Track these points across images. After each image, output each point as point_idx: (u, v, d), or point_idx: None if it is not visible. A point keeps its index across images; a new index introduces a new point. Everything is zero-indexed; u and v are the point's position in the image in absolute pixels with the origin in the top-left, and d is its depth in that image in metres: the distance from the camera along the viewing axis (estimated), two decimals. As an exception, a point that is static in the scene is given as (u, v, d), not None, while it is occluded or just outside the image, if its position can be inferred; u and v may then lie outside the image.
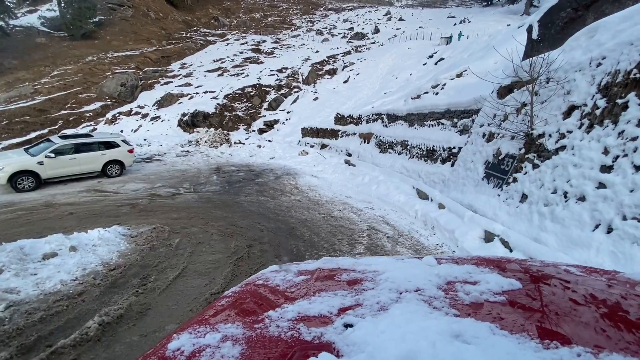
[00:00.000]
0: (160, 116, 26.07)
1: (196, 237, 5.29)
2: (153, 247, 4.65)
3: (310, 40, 45.26)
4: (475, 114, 7.08)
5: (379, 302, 0.95)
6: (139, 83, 31.57)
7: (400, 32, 46.36)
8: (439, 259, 1.36)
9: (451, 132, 7.79)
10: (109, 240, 4.64)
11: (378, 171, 9.33)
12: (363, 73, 31.91)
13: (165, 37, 45.82)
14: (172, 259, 4.26)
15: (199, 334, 0.85)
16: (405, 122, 10.46)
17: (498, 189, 5.06)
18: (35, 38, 37.21)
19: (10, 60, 33.29)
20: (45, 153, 9.30)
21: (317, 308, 0.95)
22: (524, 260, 1.41)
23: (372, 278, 1.16)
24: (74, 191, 9.26)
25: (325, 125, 16.99)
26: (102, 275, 3.60)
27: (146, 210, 7.57)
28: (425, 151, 8.46)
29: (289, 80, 32.61)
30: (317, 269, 1.34)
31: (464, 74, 14.55)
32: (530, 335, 0.74)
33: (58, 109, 27.80)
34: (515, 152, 4.96)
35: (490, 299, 0.95)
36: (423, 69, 29.01)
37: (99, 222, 6.55)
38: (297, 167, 12.61)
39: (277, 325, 0.86)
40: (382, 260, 1.39)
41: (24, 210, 7.65)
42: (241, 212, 7.22)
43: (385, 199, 7.40)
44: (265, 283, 1.24)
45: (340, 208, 7.27)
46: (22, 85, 29.30)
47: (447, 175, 6.89)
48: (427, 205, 6.24)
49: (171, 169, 12.13)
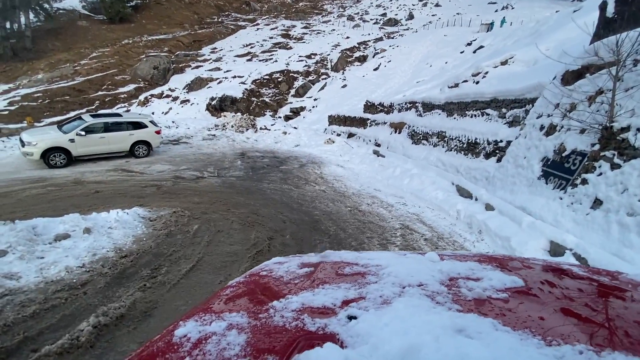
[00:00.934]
0: (190, 100, 26.40)
1: (216, 224, 4.99)
2: (170, 233, 4.39)
3: (340, 26, 43.88)
4: (529, 104, 6.20)
5: (382, 296, 0.95)
6: (170, 66, 32.12)
7: (436, 18, 43.77)
8: (441, 255, 1.35)
9: (498, 123, 6.94)
10: (127, 222, 4.43)
11: (410, 163, 8.63)
12: (395, 60, 30.42)
13: (197, 21, 46.28)
14: (188, 248, 3.96)
15: (205, 321, 0.85)
16: (442, 111, 9.61)
17: (560, 190, 4.31)
18: (76, 21, 38.79)
19: (54, 42, 34.96)
20: (76, 131, 9.43)
21: (320, 300, 0.94)
22: (527, 258, 1.40)
23: (375, 272, 1.16)
24: (102, 170, 9.37)
25: (353, 114, 16.28)
26: (111, 262, 3.34)
27: (169, 192, 7.46)
28: (465, 144, 7.66)
29: (317, 66, 31.84)
30: (320, 261, 1.33)
31: (510, 61, 13.29)
32: (532, 332, 0.73)
33: (95, 89, 28.95)
34: (586, 149, 4.16)
35: (493, 295, 0.95)
36: (460, 57, 27.15)
37: (122, 202, 6.50)
38: (322, 155, 12.14)
39: (281, 315, 0.86)
40: (385, 255, 1.39)
41: (54, 186, 7.78)
42: (263, 199, 6.90)
43: (420, 194, 6.74)
44: (269, 274, 1.23)
45: (368, 202, 6.72)
46: (63, 66, 30.72)
47: (492, 171, 6.12)
48: (471, 205, 5.53)
49: (197, 152, 12.08)
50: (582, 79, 4.69)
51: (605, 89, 4.04)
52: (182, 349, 0.74)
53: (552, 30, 14.75)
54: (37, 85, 28.28)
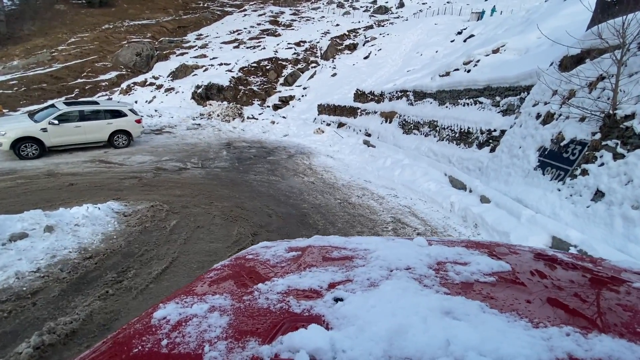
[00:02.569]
0: (175, 88, 25.47)
1: (196, 219, 4.66)
2: (145, 229, 4.04)
3: (330, 13, 42.88)
4: (525, 91, 5.99)
5: (370, 279, 0.94)
6: (154, 53, 30.88)
7: (427, 7, 43.22)
8: (429, 240, 1.35)
9: (492, 112, 6.73)
10: (97, 219, 4.06)
11: (402, 154, 8.39)
12: (385, 49, 29.94)
13: (182, 6, 44.48)
14: (163, 247, 3.62)
15: (185, 304, 0.83)
16: (434, 100, 9.36)
17: (559, 182, 4.12)
18: (53, 4, 36.71)
19: (29, 26, 33.08)
20: (49, 119, 8.82)
21: (307, 282, 0.93)
22: (513, 245, 1.41)
23: (363, 256, 1.16)
24: (78, 161, 8.85)
25: (343, 103, 15.90)
26: (72, 265, 2.98)
27: (149, 185, 7.08)
28: (458, 133, 7.44)
29: (306, 54, 31.10)
30: (308, 246, 1.32)
31: (501, 49, 13.08)
32: (519, 315, 0.74)
33: (74, 77, 27.64)
34: (586, 138, 3.97)
35: (480, 279, 0.95)
36: (451, 45, 26.90)
37: (98, 196, 6.17)
38: (311, 145, 11.81)
39: (266, 297, 0.85)
40: (374, 240, 1.38)
41: (24, 179, 7.29)
42: (249, 192, 6.58)
43: (412, 186, 6.51)
44: (256, 258, 1.21)
45: (358, 194, 6.47)
46: (40, 52, 29.16)
47: (486, 162, 5.93)
48: (465, 197, 5.31)
49: (180, 142, 11.59)
50: (582, 64, 4.48)
51: (608, 74, 3.82)
52: (160, 331, 0.72)
53: (543, 18, 14.59)
54: (12, 73, 26.78)
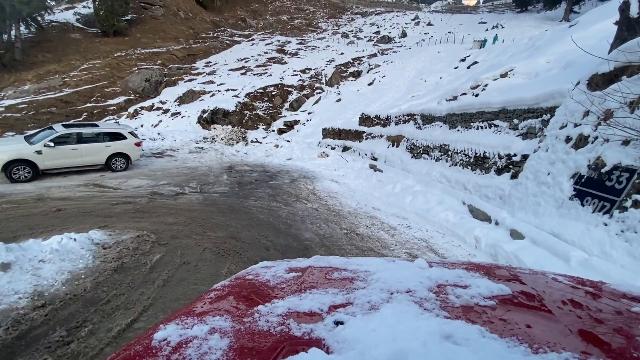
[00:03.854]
0: (181, 112, 25.72)
1: (183, 253, 4.10)
2: (122, 266, 3.48)
3: (335, 43, 44.24)
4: (546, 113, 5.54)
5: (370, 302, 0.94)
6: (163, 79, 31.61)
7: (429, 36, 44.53)
8: (430, 262, 1.34)
9: (509, 135, 6.26)
10: (70, 252, 3.53)
11: (412, 179, 7.87)
12: (389, 76, 30.38)
13: (192, 36, 46.29)
14: (136, 291, 3.02)
15: (186, 325, 0.82)
16: (444, 123, 8.97)
17: (604, 215, 3.54)
18: (69, 33, 38.39)
19: (44, 53, 34.34)
20: (44, 141, 8.54)
21: (307, 304, 0.92)
22: (514, 267, 1.39)
23: (363, 278, 1.14)
24: (71, 185, 8.46)
25: (348, 127, 15.67)
26: (14, 318, 2.35)
27: (142, 211, 6.62)
28: (472, 158, 6.95)
29: (311, 81, 31.61)
30: (308, 266, 1.31)
31: (510, 74, 12.93)
32: (519, 340, 0.73)
33: (84, 101, 28.15)
34: (634, 163, 3.43)
35: (480, 302, 0.94)
36: (454, 72, 27.20)
37: (84, 223, 5.74)
38: (315, 170, 11.37)
39: (266, 319, 0.84)
40: (374, 261, 1.36)
41: (10, 204, 6.88)
42: (247, 219, 6.04)
43: (426, 215, 5.91)
44: (256, 278, 1.20)
45: (366, 223, 5.88)
46: (51, 78, 29.96)
47: (508, 189, 5.37)
48: (492, 231, 4.67)
49: (180, 166, 11.25)
50: (616, 82, 4.04)
51: (652, 92, 3.37)
52: (161, 352, 0.71)
53: (549, 44, 14.59)
54: (23, 97, 27.38)
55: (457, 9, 65.59)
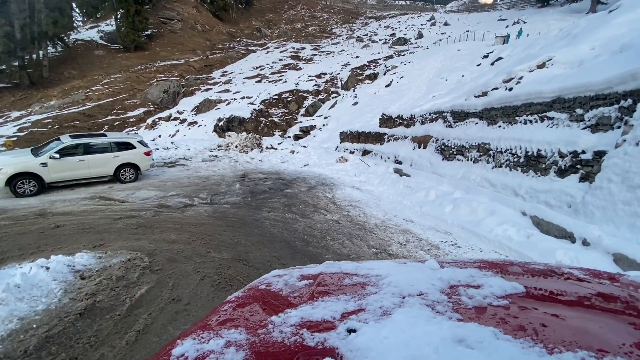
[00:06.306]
0: (197, 121, 25.73)
1: (177, 284, 3.30)
2: (92, 307, 2.70)
3: (350, 47, 43.59)
4: (624, 98, 4.41)
5: (382, 307, 0.93)
6: (180, 90, 31.98)
7: (446, 36, 43.00)
8: (441, 262, 1.30)
9: (571, 128, 5.14)
10: (34, 287, 2.82)
11: (447, 184, 6.80)
12: (407, 76, 29.22)
13: (209, 47, 47.13)
14: (97, 350, 2.16)
15: (202, 339, 0.84)
16: (480, 119, 7.87)
17: None
18: (93, 50, 39.92)
19: (70, 70, 35.75)
20: (49, 153, 8.15)
21: (320, 313, 0.92)
22: (527, 263, 1.34)
23: (375, 282, 1.13)
24: (77, 198, 8.00)
25: (367, 129, 14.72)
26: None
27: (144, 226, 6.01)
28: (522, 158, 5.83)
29: (327, 85, 30.98)
30: (319, 273, 1.29)
31: (548, 64, 11.65)
32: (534, 340, 0.72)
33: (105, 114, 28.79)
34: None
35: (493, 302, 0.93)
36: (477, 69, 25.73)
37: (79, 242, 5.23)
38: (334, 176, 10.49)
39: (280, 330, 0.85)
40: (385, 265, 1.33)
41: (9, 220, 6.44)
42: (259, 235, 5.24)
43: (476, 230, 4.80)
44: (268, 288, 1.20)
45: (399, 239, 4.87)
46: (75, 93, 30.97)
47: (580, 195, 4.25)
48: (581, 254, 3.46)
49: (192, 175, 10.68)
50: None
51: None
52: None
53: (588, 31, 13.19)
54: (49, 112, 28.36)
55: (473, 8, 63.50)
